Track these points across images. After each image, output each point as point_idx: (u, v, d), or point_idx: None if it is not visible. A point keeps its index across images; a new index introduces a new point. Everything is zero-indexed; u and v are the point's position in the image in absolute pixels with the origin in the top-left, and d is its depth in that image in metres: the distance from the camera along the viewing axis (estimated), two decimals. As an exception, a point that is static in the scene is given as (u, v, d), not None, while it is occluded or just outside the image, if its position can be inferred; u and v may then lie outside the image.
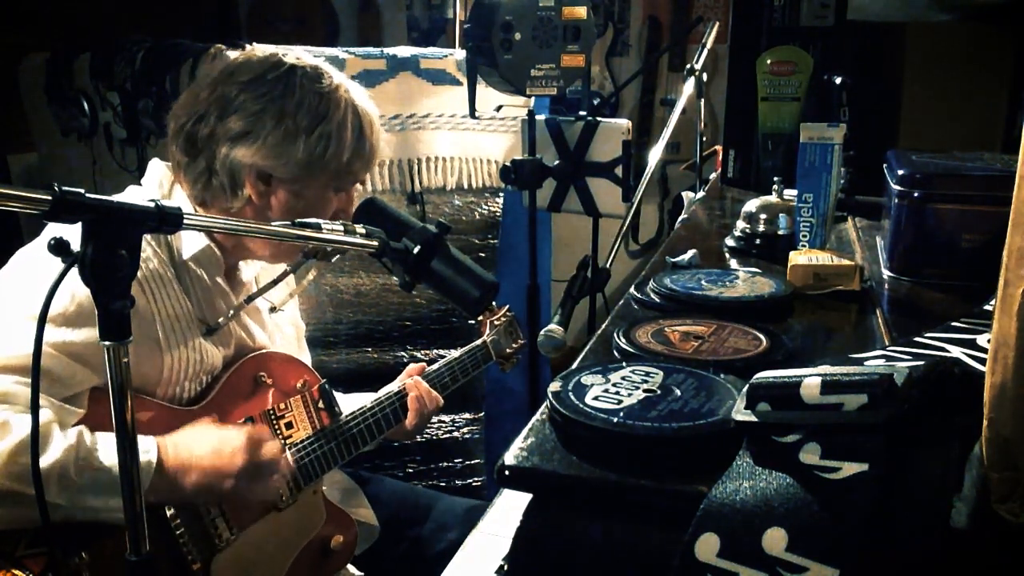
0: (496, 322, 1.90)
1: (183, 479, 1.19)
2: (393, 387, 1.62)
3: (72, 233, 0.81)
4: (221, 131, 1.28)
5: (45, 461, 1.08)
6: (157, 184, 1.35)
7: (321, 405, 1.46)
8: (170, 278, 1.29)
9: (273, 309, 1.51)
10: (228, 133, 1.27)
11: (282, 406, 1.41)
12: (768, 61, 2.24)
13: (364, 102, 1.36)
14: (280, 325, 1.56)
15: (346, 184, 1.37)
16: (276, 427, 1.39)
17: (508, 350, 1.91)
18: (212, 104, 1.28)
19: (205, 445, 1.23)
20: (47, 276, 0.82)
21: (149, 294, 1.25)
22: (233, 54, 1.81)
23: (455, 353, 1.78)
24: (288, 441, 1.40)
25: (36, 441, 0.87)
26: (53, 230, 0.85)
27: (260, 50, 1.39)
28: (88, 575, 1.13)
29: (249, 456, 1.24)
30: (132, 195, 1.34)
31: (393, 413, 1.58)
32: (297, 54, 1.35)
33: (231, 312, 1.35)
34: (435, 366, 1.71)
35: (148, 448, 1.17)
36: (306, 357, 1.65)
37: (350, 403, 1.56)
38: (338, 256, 1.13)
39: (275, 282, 1.31)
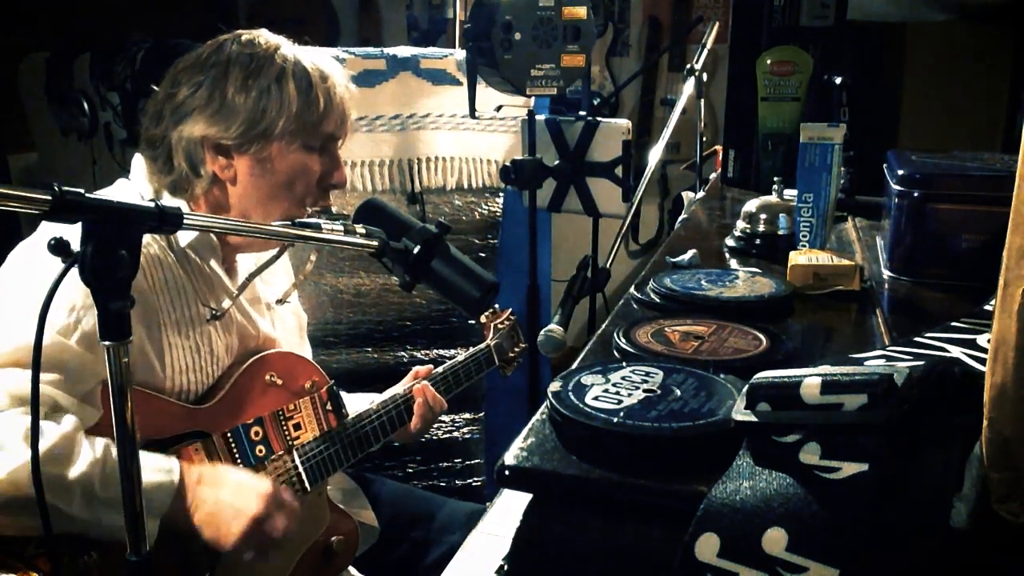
0: (500, 325, 1.89)
1: (199, 506, 1.19)
2: (399, 389, 1.62)
3: (72, 232, 0.81)
4: (169, 118, 1.29)
5: (72, 473, 1.08)
6: (145, 177, 1.35)
7: (329, 407, 1.46)
8: (170, 263, 1.29)
9: (280, 301, 1.51)
10: (174, 116, 1.29)
11: (291, 407, 1.41)
12: (768, 61, 2.24)
13: (311, 57, 1.34)
14: (283, 316, 1.56)
15: (315, 140, 1.34)
16: (284, 428, 1.39)
17: (510, 354, 1.91)
18: (164, 100, 1.31)
19: (231, 479, 1.23)
20: (49, 267, 0.82)
21: (150, 278, 1.26)
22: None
23: (459, 356, 1.78)
24: (296, 443, 1.40)
25: (36, 437, 0.87)
26: (48, 225, 0.85)
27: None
28: (96, 574, 1.13)
29: (269, 507, 1.22)
30: (122, 188, 1.35)
31: (399, 416, 1.58)
32: (252, 31, 1.35)
33: (236, 294, 1.35)
34: (439, 369, 1.71)
35: (171, 468, 1.18)
36: (307, 349, 1.65)
37: (353, 402, 1.56)
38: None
39: (270, 262, 1.31)
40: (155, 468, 1.16)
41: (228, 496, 1.21)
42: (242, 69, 1.28)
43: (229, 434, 1.32)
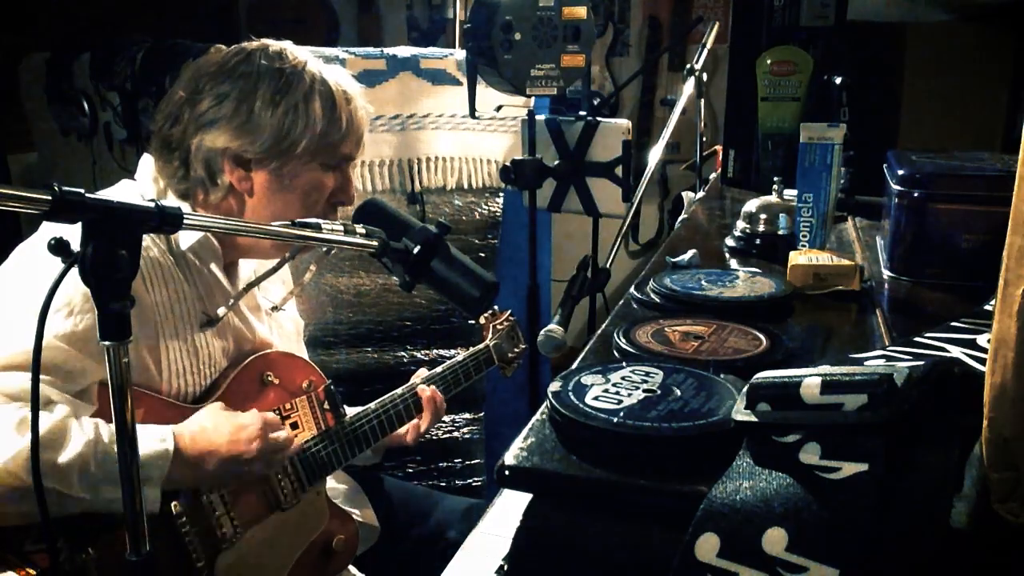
0: (499, 326, 1.90)
1: (200, 467, 1.21)
2: (398, 390, 1.62)
3: (72, 232, 0.81)
4: (191, 124, 1.29)
5: (66, 456, 1.09)
6: (151, 179, 1.35)
7: (327, 406, 1.46)
8: (169, 267, 1.29)
9: (275, 308, 1.51)
10: (197, 123, 1.28)
11: (288, 406, 1.41)
12: (768, 61, 2.24)
13: (336, 76, 1.34)
14: (281, 323, 1.56)
15: (332, 159, 1.35)
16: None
17: (510, 355, 1.91)
18: (184, 103, 1.30)
19: (222, 432, 1.24)
20: (50, 269, 0.83)
21: (148, 283, 1.26)
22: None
23: (459, 357, 1.78)
24: None
25: (36, 440, 0.87)
26: (49, 225, 0.85)
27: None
28: (95, 571, 1.13)
29: (264, 443, 1.26)
30: (125, 189, 1.35)
31: (397, 415, 1.58)
32: (279, 43, 1.34)
33: (231, 302, 1.35)
34: (438, 369, 1.71)
35: (165, 437, 1.18)
36: (304, 354, 1.65)
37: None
38: (335, 250, 1.13)
39: (272, 271, 1.31)
40: (149, 437, 1.16)
41: (225, 448, 1.23)
42: (271, 84, 1.28)
43: (228, 433, 1.32)
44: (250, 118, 1.27)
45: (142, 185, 1.35)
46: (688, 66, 2.20)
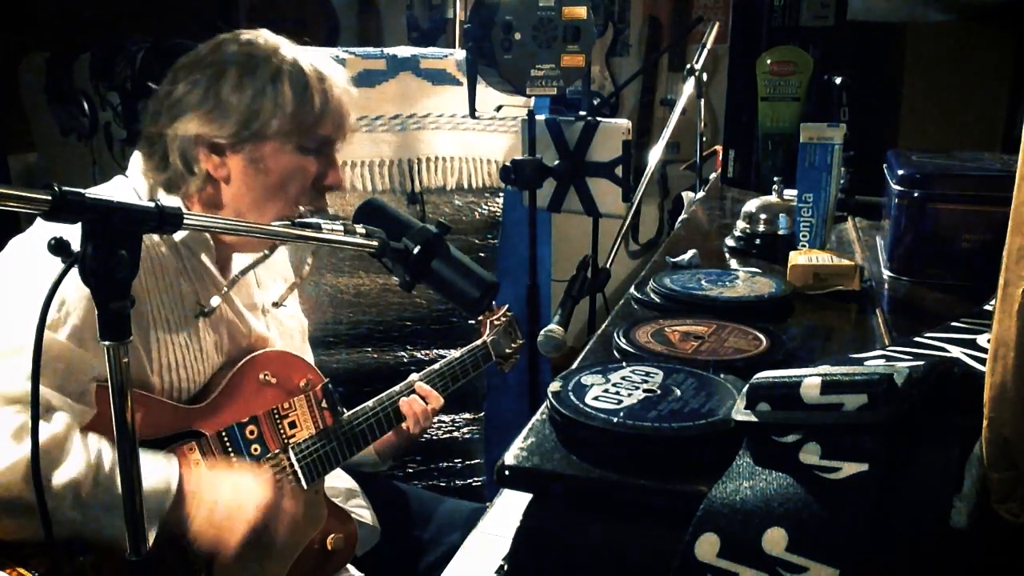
0: (496, 322, 1.90)
1: (197, 513, 1.19)
2: (395, 389, 1.62)
3: (70, 231, 0.81)
4: (166, 115, 1.29)
5: (63, 475, 1.08)
6: (140, 173, 1.35)
7: (324, 404, 1.46)
8: (162, 256, 1.29)
9: (276, 304, 1.51)
10: (170, 113, 1.29)
11: (285, 405, 1.41)
12: (768, 61, 2.24)
13: (312, 59, 1.33)
14: (282, 320, 1.55)
15: (310, 143, 1.32)
16: (280, 426, 1.40)
17: (507, 350, 1.92)
18: (163, 98, 1.30)
19: (228, 486, 1.23)
20: (46, 265, 0.82)
21: (141, 272, 1.25)
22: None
23: (455, 353, 1.78)
24: (291, 441, 1.40)
25: (36, 440, 0.87)
26: (44, 222, 0.85)
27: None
28: (91, 572, 1.13)
29: (266, 513, 1.23)
30: (118, 185, 1.34)
31: (395, 413, 1.58)
32: (254, 31, 1.34)
33: (224, 291, 1.35)
34: (436, 366, 1.71)
35: (170, 475, 1.17)
36: (308, 353, 1.65)
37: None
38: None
39: (262, 259, 1.31)
40: (153, 473, 1.16)
41: (225, 503, 1.21)
42: (238, 68, 1.27)
43: (224, 433, 1.32)
44: (218, 102, 1.26)
45: (134, 181, 1.35)
46: (688, 66, 2.20)
